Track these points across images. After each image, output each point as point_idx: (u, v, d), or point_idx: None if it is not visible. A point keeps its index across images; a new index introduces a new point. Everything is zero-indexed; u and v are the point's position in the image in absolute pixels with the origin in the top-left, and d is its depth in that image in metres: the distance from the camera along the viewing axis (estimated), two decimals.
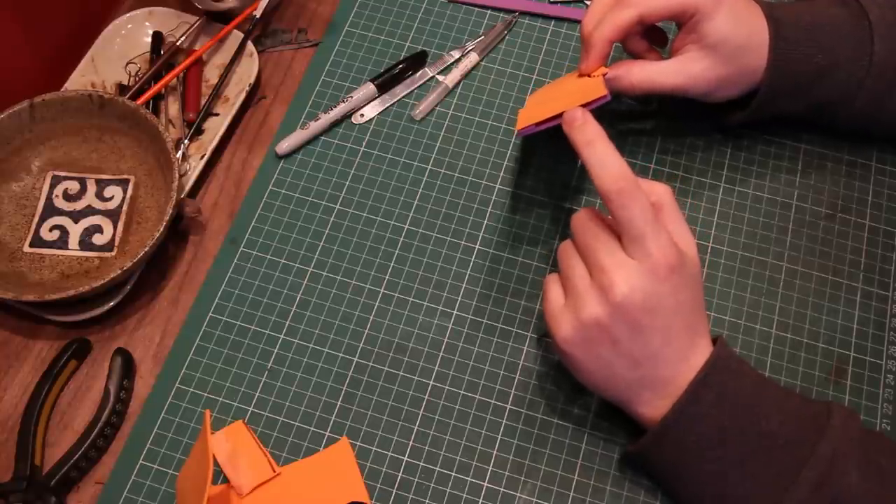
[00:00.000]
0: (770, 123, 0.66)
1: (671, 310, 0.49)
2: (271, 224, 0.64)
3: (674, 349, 0.49)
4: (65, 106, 0.63)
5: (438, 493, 0.54)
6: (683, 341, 0.49)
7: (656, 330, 0.48)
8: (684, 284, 0.49)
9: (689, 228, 0.51)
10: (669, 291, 0.48)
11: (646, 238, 0.48)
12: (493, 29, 0.71)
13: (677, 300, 0.49)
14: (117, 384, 0.57)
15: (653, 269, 0.48)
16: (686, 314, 0.49)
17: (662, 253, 0.48)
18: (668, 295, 0.48)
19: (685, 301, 0.49)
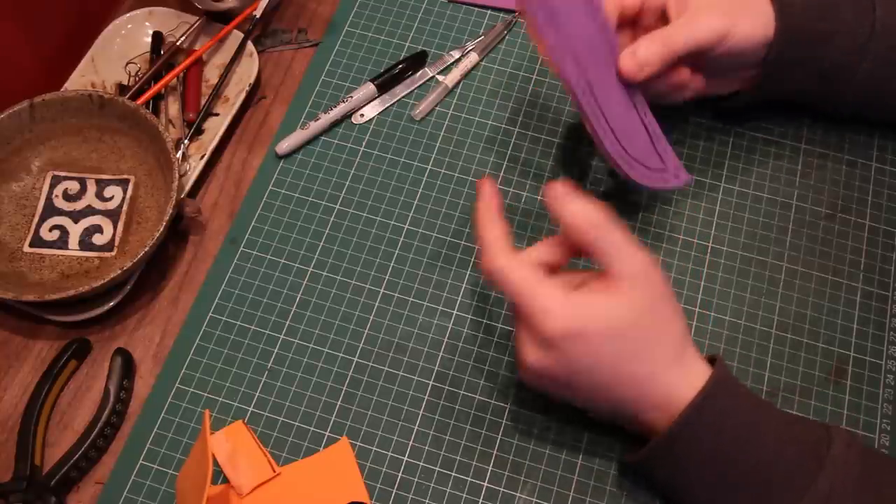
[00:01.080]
0: (771, 121, 0.66)
1: (586, 370, 0.48)
2: (271, 224, 0.64)
3: (633, 381, 0.49)
4: (65, 106, 0.63)
5: (438, 493, 0.54)
6: (641, 369, 0.48)
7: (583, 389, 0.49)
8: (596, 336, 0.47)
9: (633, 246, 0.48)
10: (583, 352, 0.47)
11: (530, 310, 0.48)
12: (493, 29, 0.71)
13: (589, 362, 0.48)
14: (117, 384, 0.57)
15: (541, 342, 0.48)
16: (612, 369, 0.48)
17: (551, 330, 0.47)
18: (583, 356, 0.47)
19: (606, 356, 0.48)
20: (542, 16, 0.55)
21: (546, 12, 0.55)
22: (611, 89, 0.57)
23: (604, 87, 0.56)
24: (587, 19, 0.56)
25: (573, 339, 0.47)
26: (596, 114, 0.56)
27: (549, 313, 0.47)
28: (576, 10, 0.56)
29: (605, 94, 0.56)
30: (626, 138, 0.57)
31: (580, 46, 0.56)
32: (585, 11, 0.56)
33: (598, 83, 0.56)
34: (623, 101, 0.57)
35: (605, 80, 0.57)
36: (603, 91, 0.56)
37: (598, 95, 0.56)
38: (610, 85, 0.57)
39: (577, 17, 0.56)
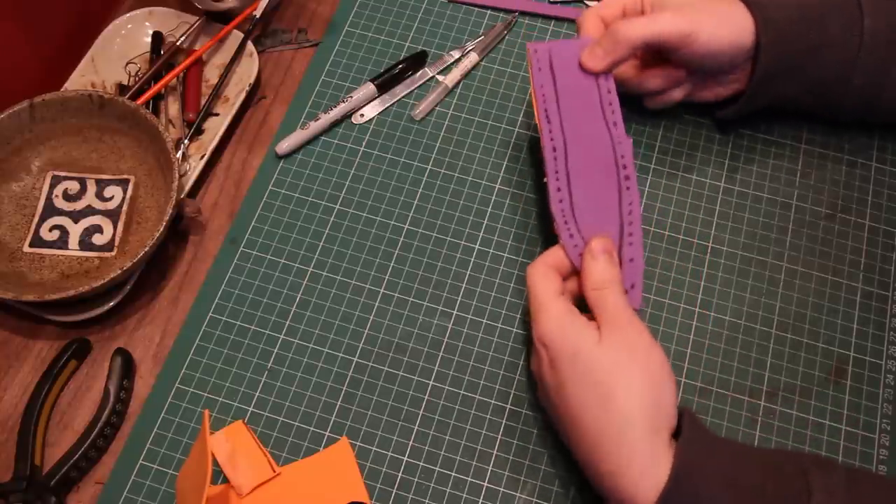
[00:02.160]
0: (771, 121, 0.66)
1: (555, 387, 0.50)
2: (271, 224, 0.64)
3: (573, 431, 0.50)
4: (65, 106, 0.63)
5: (438, 493, 0.54)
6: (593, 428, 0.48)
7: (553, 406, 0.51)
8: (555, 367, 0.50)
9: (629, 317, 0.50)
10: (546, 369, 0.51)
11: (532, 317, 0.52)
12: (493, 29, 0.71)
13: (557, 380, 0.50)
14: (117, 384, 0.57)
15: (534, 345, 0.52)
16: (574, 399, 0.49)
17: (535, 328, 0.51)
18: (546, 374, 0.51)
19: (567, 383, 0.49)
20: (542, 67, 0.58)
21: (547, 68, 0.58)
22: (592, 161, 0.56)
23: (581, 159, 0.56)
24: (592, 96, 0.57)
25: (546, 346, 0.50)
26: (558, 172, 0.56)
27: (540, 320, 0.51)
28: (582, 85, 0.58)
29: (580, 162, 0.56)
30: (585, 214, 0.55)
31: (574, 116, 0.57)
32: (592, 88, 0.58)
33: (578, 149, 0.56)
34: (606, 181, 0.55)
35: (589, 152, 0.56)
36: (580, 158, 0.56)
37: (570, 158, 0.56)
38: (593, 158, 0.56)
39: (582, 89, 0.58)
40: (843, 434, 0.56)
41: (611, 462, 0.47)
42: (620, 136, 0.56)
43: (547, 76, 0.58)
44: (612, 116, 0.57)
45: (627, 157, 0.56)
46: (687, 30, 0.57)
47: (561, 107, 0.57)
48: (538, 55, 0.58)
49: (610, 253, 0.53)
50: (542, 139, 0.57)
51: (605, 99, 0.57)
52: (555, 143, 0.56)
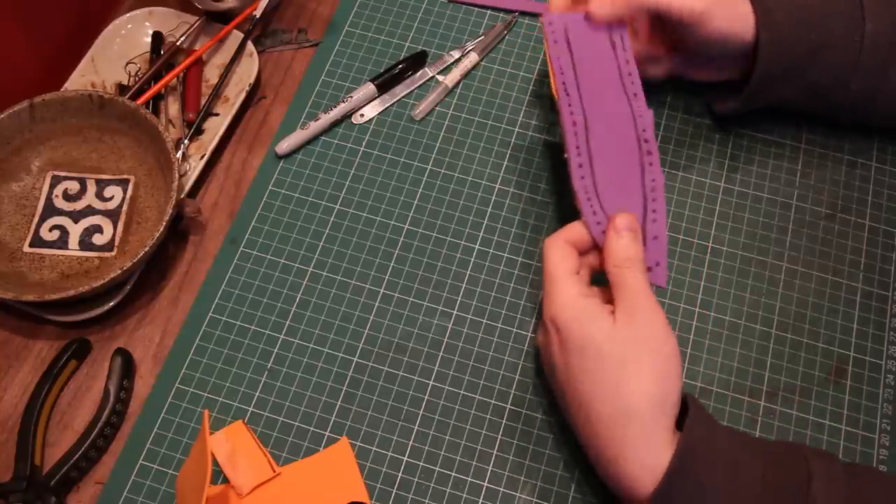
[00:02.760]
0: (771, 121, 0.66)
1: (562, 368, 0.50)
2: (271, 224, 0.64)
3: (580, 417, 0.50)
4: (65, 106, 0.63)
5: (438, 493, 0.54)
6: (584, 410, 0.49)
7: (560, 387, 0.52)
8: (565, 347, 0.50)
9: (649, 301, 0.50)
10: (556, 350, 0.51)
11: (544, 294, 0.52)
12: (493, 29, 0.71)
13: (563, 361, 0.50)
14: (117, 384, 0.57)
15: (543, 325, 0.52)
16: (577, 380, 0.49)
17: (547, 307, 0.51)
18: (556, 354, 0.51)
19: (574, 366, 0.49)
20: (558, 38, 0.57)
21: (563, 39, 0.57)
22: (614, 138, 0.55)
23: (603, 133, 0.55)
24: (611, 67, 0.56)
25: (558, 328, 0.50)
26: (579, 147, 0.55)
27: (554, 300, 0.50)
28: (600, 55, 0.57)
29: (603, 138, 0.55)
30: (609, 191, 0.54)
31: (593, 89, 0.56)
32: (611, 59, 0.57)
33: (599, 125, 0.55)
34: (629, 159, 0.55)
35: (611, 128, 0.55)
36: (602, 134, 0.55)
37: (591, 132, 0.55)
38: (616, 134, 0.55)
39: (599, 60, 0.57)
40: (843, 434, 0.56)
41: (615, 448, 0.48)
42: (641, 109, 0.55)
43: (563, 48, 0.57)
44: (632, 88, 0.56)
45: (649, 132, 0.55)
46: (701, 9, 0.57)
47: (579, 79, 0.56)
48: (553, 27, 0.57)
49: (635, 231, 0.52)
50: (560, 113, 0.55)
51: (625, 69, 0.56)
52: (574, 117, 0.55)
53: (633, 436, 0.47)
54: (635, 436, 0.47)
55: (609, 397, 0.48)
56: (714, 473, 0.47)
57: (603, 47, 0.57)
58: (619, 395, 0.48)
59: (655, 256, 0.53)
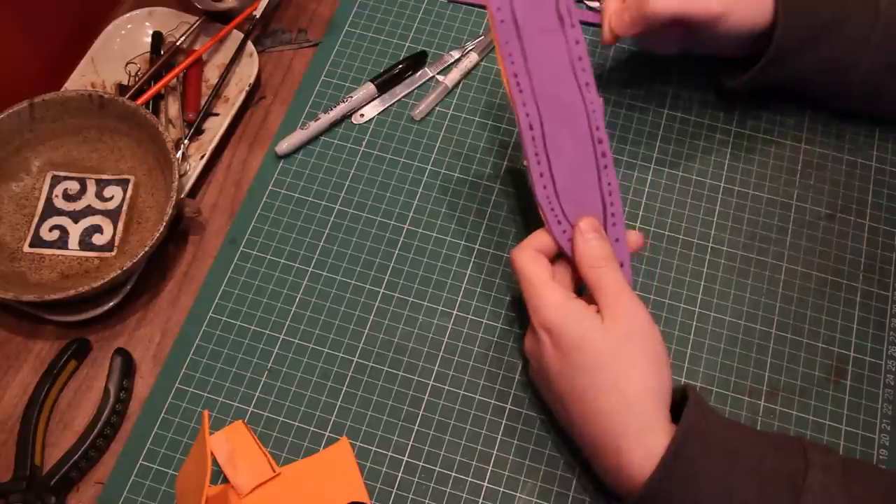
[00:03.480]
0: (771, 121, 0.66)
1: (556, 374, 0.51)
2: (271, 224, 0.64)
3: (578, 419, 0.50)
4: (65, 106, 0.63)
5: (438, 493, 0.54)
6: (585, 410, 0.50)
7: (555, 395, 0.52)
8: (560, 349, 0.50)
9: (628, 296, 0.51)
10: (548, 355, 0.51)
11: (526, 299, 0.52)
12: None
13: (558, 366, 0.51)
14: (117, 384, 0.57)
15: (533, 330, 0.52)
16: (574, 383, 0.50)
17: (534, 312, 0.52)
18: (548, 359, 0.51)
19: (568, 368, 0.50)
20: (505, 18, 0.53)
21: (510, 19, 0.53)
22: (569, 138, 0.54)
23: (559, 136, 0.54)
24: (560, 49, 0.54)
25: (550, 332, 0.51)
26: (538, 154, 0.53)
27: (541, 306, 0.51)
28: (549, 36, 0.54)
29: (558, 140, 0.54)
30: (570, 197, 0.54)
31: (545, 78, 0.53)
32: (560, 40, 0.54)
33: (554, 125, 0.53)
34: (585, 161, 0.54)
35: (565, 127, 0.54)
36: (558, 136, 0.54)
37: (548, 137, 0.53)
38: (570, 134, 0.54)
39: (549, 41, 0.54)
40: (843, 434, 0.56)
41: (616, 440, 0.48)
42: (593, 101, 0.53)
43: (511, 29, 0.53)
44: (583, 76, 0.53)
45: (601, 130, 0.53)
46: (718, 12, 0.57)
47: (530, 68, 0.53)
48: (499, 2, 0.53)
49: (599, 231, 0.53)
50: (516, 114, 0.53)
51: (575, 52, 0.53)
52: (531, 119, 0.53)
53: (635, 426, 0.48)
54: (637, 426, 0.48)
55: (609, 391, 0.49)
56: (710, 458, 0.47)
57: (551, 22, 0.54)
58: (618, 388, 0.48)
59: (620, 257, 0.54)
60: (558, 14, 0.54)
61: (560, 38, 0.54)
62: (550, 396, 0.54)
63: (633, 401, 0.48)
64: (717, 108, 0.67)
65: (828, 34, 0.59)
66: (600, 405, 0.49)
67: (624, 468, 0.48)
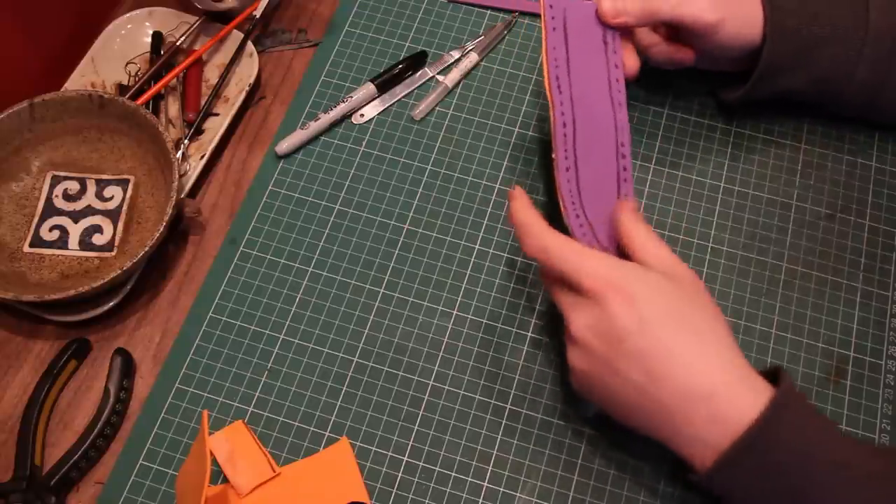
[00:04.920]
0: (771, 121, 0.66)
1: (636, 331, 0.46)
2: (271, 224, 0.64)
3: (678, 365, 0.47)
4: (65, 106, 0.63)
5: (438, 493, 0.54)
6: (685, 354, 0.47)
7: (633, 357, 0.47)
8: (638, 300, 0.47)
9: (662, 243, 0.51)
10: (623, 312, 0.47)
11: (566, 272, 0.49)
12: (493, 29, 0.71)
13: (638, 318, 0.47)
14: (117, 384, 0.57)
15: (590, 297, 0.48)
16: (665, 328, 0.47)
17: (588, 275, 0.48)
18: (624, 316, 0.47)
19: (655, 315, 0.47)
20: (557, 27, 0.56)
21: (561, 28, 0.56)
22: (597, 146, 0.55)
23: (588, 142, 0.55)
24: (601, 68, 0.56)
25: (616, 293, 0.47)
26: (567, 151, 0.55)
27: (594, 271, 0.48)
28: (592, 55, 0.56)
29: (587, 145, 0.55)
30: (591, 199, 0.54)
31: (583, 88, 0.56)
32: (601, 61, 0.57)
33: (585, 131, 0.55)
34: (607, 170, 0.55)
35: (594, 135, 0.56)
36: (587, 141, 0.55)
37: (578, 140, 0.55)
38: (598, 143, 0.55)
39: (592, 59, 0.56)
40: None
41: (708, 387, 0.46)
42: (622, 122, 0.56)
43: (560, 37, 0.56)
44: (617, 96, 0.56)
45: (626, 147, 0.55)
46: (714, 21, 0.57)
47: (571, 74, 0.56)
48: (554, 11, 0.56)
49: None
50: (552, 111, 0.55)
51: (613, 75, 0.57)
52: (565, 118, 0.55)
53: (737, 369, 0.47)
54: (739, 368, 0.47)
55: (706, 331, 0.48)
56: (813, 418, 0.47)
57: (597, 44, 0.57)
58: (713, 328, 0.48)
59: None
60: (604, 39, 0.57)
61: (602, 59, 0.57)
62: (623, 361, 0.47)
63: (729, 344, 0.48)
64: (717, 108, 0.67)
65: (819, 50, 0.59)
66: (704, 347, 0.47)
67: (721, 414, 0.46)
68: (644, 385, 0.47)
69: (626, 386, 0.48)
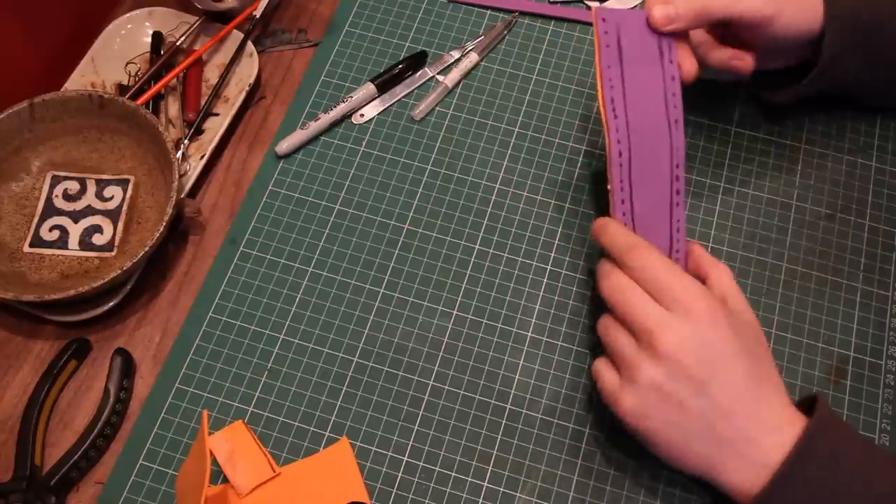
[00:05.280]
0: (771, 121, 0.67)
1: (729, 356, 0.48)
2: (271, 224, 0.64)
3: (745, 403, 0.47)
4: (65, 106, 0.63)
5: (438, 493, 0.54)
6: (753, 393, 0.48)
7: (719, 382, 0.47)
8: (733, 328, 0.48)
9: (741, 294, 0.53)
10: (720, 337, 0.48)
11: (671, 287, 0.49)
12: (493, 29, 0.71)
13: (732, 346, 0.48)
14: (117, 384, 0.57)
15: (692, 316, 0.48)
16: (746, 361, 0.48)
17: (692, 297, 0.49)
18: (720, 340, 0.48)
19: (741, 347, 0.48)
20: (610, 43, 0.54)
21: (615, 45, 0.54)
22: (652, 171, 0.54)
23: (644, 168, 0.54)
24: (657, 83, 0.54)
25: (713, 315, 0.48)
26: (622, 182, 0.54)
27: (695, 289, 0.49)
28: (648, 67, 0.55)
29: (642, 171, 0.54)
30: (644, 227, 0.54)
31: (639, 108, 0.54)
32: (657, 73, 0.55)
33: (641, 156, 0.54)
34: (661, 195, 0.55)
35: (650, 160, 0.54)
36: (642, 167, 0.54)
37: (633, 167, 0.54)
38: (654, 168, 0.54)
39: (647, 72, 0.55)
40: None
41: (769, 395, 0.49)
42: (678, 141, 0.54)
43: (614, 55, 0.54)
44: (674, 112, 0.54)
45: (681, 168, 0.54)
46: (770, 13, 0.56)
47: (627, 96, 0.54)
48: (607, 25, 0.54)
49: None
50: (607, 137, 0.54)
51: (669, 88, 0.54)
52: (621, 146, 0.53)
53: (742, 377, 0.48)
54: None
55: (769, 360, 0.51)
56: (850, 445, 0.47)
57: (652, 54, 0.54)
58: (771, 377, 0.50)
59: None
60: (660, 48, 0.55)
61: (658, 71, 0.54)
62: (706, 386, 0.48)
63: (782, 394, 0.50)
64: (717, 108, 0.67)
65: (877, 35, 0.58)
66: (767, 369, 0.50)
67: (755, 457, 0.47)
68: (711, 415, 0.48)
69: (695, 407, 0.48)
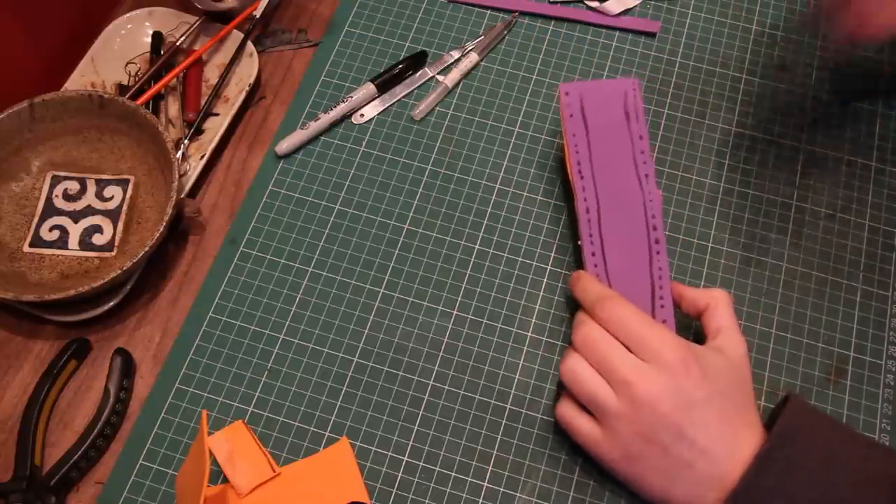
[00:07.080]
0: (771, 120, 0.66)
1: (703, 401, 0.49)
2: (271, 224, 0.64)
3: (722, 442, 0.48)
4: (65, 106, 0.63)
5: (438, 493, 0.54)
6: (728, 431, 0.49)
7: (696, 426, 0.48)
8: (704, 374, 0.49)
9: (738, 329, 0.53)
10: (693, 384, 0.49)
11: (643, 338, 0.50)
12: (493, 29, 0.71)
13: (705, 391, 0.49)
14: (117, 384, 0.57)
15: (665, 366, 0.49)
16: (719, 403, 0.49)
17: (664, 346, 0.50)
18: (693, 387, 0.49)
19: (714, 390, 0.49)
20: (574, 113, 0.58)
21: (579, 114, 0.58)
22: (625, 225, 0.56)
23: (615, 223, 0.56)
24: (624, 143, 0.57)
25: (696, 356, 0.50)
26: (592, 236, 0.56)
27: (676, 343, 0.50)
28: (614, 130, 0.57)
29: (612, 228, 0.56)
30: (621, 278, 0.56)
31: (606, 170, 0.57)
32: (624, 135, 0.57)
33: (611, 211, 0.56)
34: (637, 247, 0.56)
35: (622, 214, 0.56)
36: (614, 221, 0.56)
37: (604, 222, 0.56)
38: (627, 221, 0.56)
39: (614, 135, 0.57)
40: None
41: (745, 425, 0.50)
42: (651, 192, 0.56)
43: (579, 122, 0.58)
44: (643, 168, 0.57)
45: (658, 218, 0.56)
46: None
47: (593, 155, 0.57)
48: (570, 98, 0.59)
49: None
50: (575, 197, 0.57)
51: (638, 146, 0.57)
52: (588, 203, 0.57)
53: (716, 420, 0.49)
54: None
55: (746, 395, 0.51)
56: (808, 455, 0.47)
57: (618, 118, 0.58)
58: (746, 392, 0.51)
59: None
60: (625, 111, 0.58)
61: (625, 133, 0.58)
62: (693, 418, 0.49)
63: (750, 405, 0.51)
64: (717, 107, 0.67)
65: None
66: (746, 417, 0.50)
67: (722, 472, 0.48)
68: (690, 456, 0.49)
69: (677, 450, 0.49)
